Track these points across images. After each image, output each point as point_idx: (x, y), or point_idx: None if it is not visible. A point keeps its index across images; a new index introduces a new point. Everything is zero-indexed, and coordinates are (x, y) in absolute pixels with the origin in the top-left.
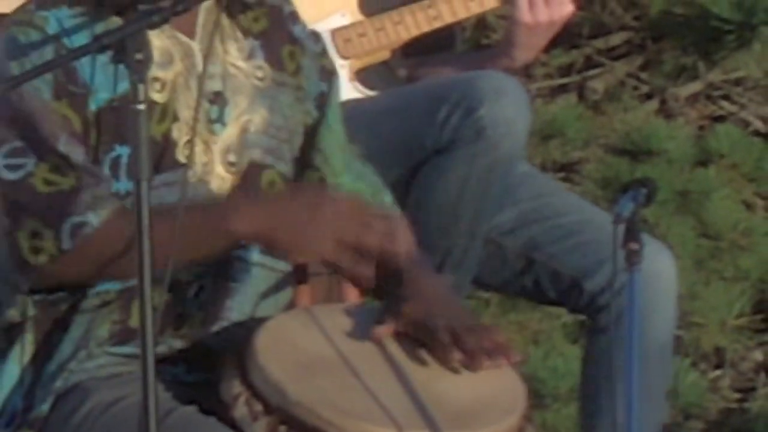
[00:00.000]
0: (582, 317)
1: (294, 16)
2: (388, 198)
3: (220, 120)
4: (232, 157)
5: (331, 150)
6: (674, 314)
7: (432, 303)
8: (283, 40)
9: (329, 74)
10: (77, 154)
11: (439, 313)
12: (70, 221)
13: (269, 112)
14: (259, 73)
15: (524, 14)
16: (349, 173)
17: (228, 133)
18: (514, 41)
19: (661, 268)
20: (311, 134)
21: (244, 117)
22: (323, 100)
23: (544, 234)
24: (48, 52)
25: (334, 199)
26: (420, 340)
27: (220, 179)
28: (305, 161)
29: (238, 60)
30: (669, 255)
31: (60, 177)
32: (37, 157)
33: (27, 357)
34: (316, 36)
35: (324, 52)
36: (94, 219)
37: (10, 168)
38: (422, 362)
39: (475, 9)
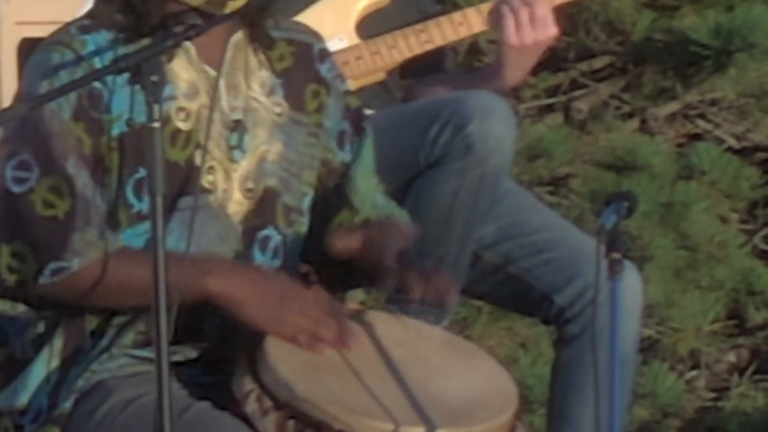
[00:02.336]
0: None
1: (323, 54)
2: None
3: (239, 147)
4: (250, 184)
5: (366, 191)
6: (638, 328)
7: None
8: (307, 78)
9: (354, 112)
10: (81, 177)
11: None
12: (55, 264)
13: (284, 146)
14: (278, 109)
15: (511, 37)
16: (386, 207)
17: (247, 162)
18: (503, 62)
19: (628, 286)
20: (345, 177)
21: (263, 147)
22: (344, 137)
23: (520, 249)
24: (79, 75)
25: (302, 293)
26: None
27: (238, 204)
28: (343, 200)
29: (260, 95)
30: (636, 274)
31: (58, 199)
32: (40, 172)
33: (55, 361)
34: (342, 76)
35: (349, 92)
36: (76, 264)
37: (16, 181)
38: (419, 364)
39: (464, 33)
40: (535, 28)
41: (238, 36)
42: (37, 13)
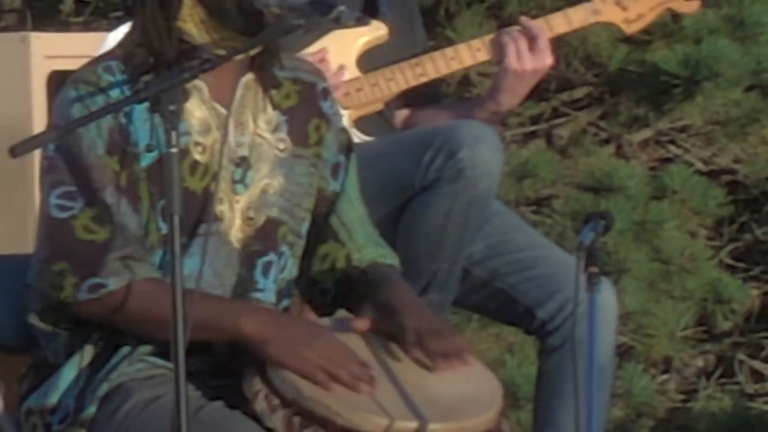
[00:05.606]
0: None
1: (325, 93)
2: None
3: (242, 181)
4: (251, 213)
5: (353, 225)
6: (614, 341)
7: (405, 305)
8: (311, 114)
9: (347, 149)
10: (120, 206)
11: (410, 315)
12: (92, 280)
13: (285, 179)
14: (281, 145)
15: (513, 62)
16: (370, 244)
17: (249, 193)
18: (501, 86)
19: (604, 301)
20: (333, 206)
21: (264, 181)
22: (338, 169)
23: (506, 266)
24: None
25: (327, 338)
26: (395, 338)
27: (239, 231)
28: (330, 232)
29: (265, 132)
30: (612, 290)
31: (98, 227)
32: (84, 203)
33: (84, 366)
34: (340, 114)
35: (345, 129)
36: (113, 284)
37: (60, 208)
38: (412, 365)
39: (455, 67)
40: (535, 56)
41: (248, 77)
42: (65, 47)
